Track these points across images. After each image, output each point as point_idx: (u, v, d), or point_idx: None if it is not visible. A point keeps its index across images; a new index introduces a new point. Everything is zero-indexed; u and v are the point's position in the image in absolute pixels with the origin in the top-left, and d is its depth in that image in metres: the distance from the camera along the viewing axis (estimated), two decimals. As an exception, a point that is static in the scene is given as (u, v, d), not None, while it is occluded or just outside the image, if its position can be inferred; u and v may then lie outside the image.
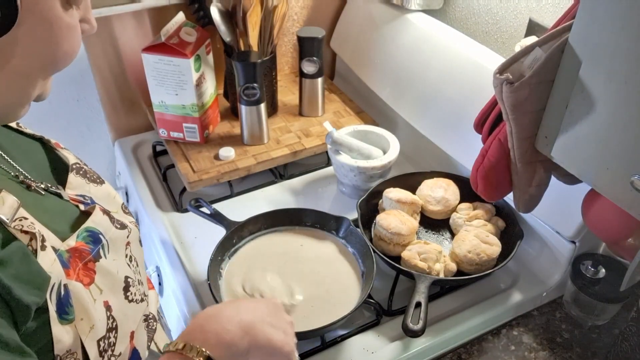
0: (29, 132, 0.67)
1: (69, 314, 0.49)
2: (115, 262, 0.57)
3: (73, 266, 0.51)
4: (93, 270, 0.54)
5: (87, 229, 0.56)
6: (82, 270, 0.52)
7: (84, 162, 0.71)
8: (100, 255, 0.55)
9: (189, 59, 1.04)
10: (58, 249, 0.50)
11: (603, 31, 0.54)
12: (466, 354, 0.88)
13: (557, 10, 0.98)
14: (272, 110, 1.27)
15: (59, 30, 0.49)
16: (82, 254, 0.53)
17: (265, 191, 1.16)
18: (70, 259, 0.51)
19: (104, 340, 0.53)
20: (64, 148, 0.69)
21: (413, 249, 0.90)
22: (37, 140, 0.67)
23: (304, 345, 0.84)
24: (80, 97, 1.25)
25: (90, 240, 0.55)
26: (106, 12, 1.15)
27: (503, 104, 0.67)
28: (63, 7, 0.49)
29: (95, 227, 0.57)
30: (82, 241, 0.54)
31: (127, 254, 0.61)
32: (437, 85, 1.10)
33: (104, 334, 0.53)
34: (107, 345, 0.53)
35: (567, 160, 0.64)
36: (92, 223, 0.57)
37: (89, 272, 0.53)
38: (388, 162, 1.07)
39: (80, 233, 0.54)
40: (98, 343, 0.52)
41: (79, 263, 0.52)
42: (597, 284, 0.87)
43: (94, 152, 1.34)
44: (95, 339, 0.51)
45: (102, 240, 0.57)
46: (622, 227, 0.71)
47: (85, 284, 0.52)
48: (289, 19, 1.36)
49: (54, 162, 0.66)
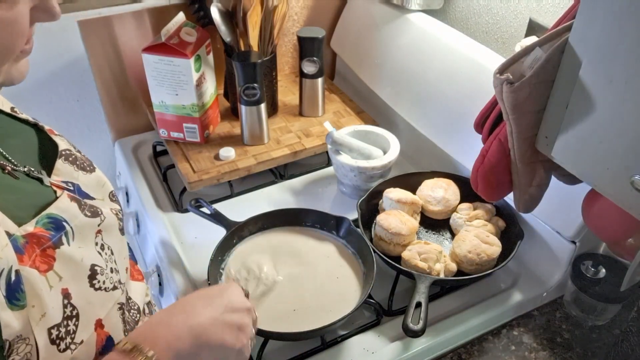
0: (22, 117, 0.66)
1: (19, 299, 0.48)
2: (80, 250, 0.56)
3: (29, 252, 0.50)
4: (52, 257, 0.52)
5: (49, 215, 0.55)
6: (40, 257, 0.51)
7: (77, 148, 0.70)
8: (62, 242, 0.54)
9: (189, 59, 1.04)
10: (13, 234, 0.49)
11: (603, 31, 0.54)
12: (466, 354, 0.88)
13: (557, 10, 0.98)
14: (272, 111, 1.27)
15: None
16: (40, 240, 0.52)
17: (265, 191, 1.16)
18: (27, 245, 0.50)
19: (59, 329, 0.52)
20: (58, 134, 0.69)
21: (413, 249, 0.90)
22: (31, 126, 0.67)
23: (304, 345, 0.84)
24: (81, 97, 1.25)
25: (52, 227, 0.54)
26: (106, 12, 1.16)
27: (503, 104, 0.67)
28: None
29: (59, 214, 0.56)
30: (42, 227, 0.53)
31: (98, 242, 0.60)
32: (437, 85, 1.10)
33: (58, 322, 0.52)
34: (65, 333, 0.52)
35: (567, 160, 0.64)
36: (56, 209, 0.56)
37: (48, 258, 0.52)
38: (388, 162, 1.07)
39: (40, 219, 0.53)
40: (49, 331, 0.51)
41: (36, 249, 0.51)
42: (598, 284, 0.87)
43: (94, 152, 1.33)
44: (46, 327, 0.50)
45: (66, 227, 0.55)
46: (622, 227, 0.71)
47: (42, 271, 0.51)
48: (289, 19, 1.36)
49: (45, 147, 0.65)
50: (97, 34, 1.16)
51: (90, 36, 1.15)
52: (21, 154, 0.60)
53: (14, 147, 0.60)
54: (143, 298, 0.73)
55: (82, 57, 1.19)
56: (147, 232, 1.10)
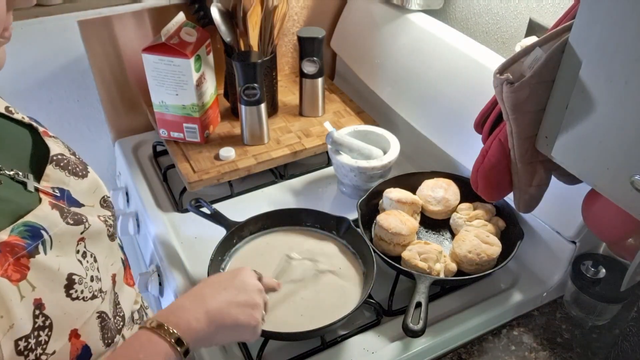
0: (17, 118, 0.65)
1: None
2: (57, 259, 0.55)
3: (1, 261, 0.49)
4: (26, 267, 0.51)
5: (26, 223, 0.53)
6: (13, 266, 0.50)
7: (72, 150, 0.69)
8: (39, 251, 0.53)
9: (189, 59, 1.04)
10: None
11: (603, 31, 0.54)
12: (466, 354, 0.88)
13: (557, 10, 0.98)
14: (272, 111, 1.27)
15: None
16: (14, 248, 0.51)
17: (265, 191, 1.16)
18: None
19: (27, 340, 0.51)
20: (52, 136, 0.67)
21: (413, 249, 0.90)
22: (26, 127, 0.65)
23: (304, 345, 0.84)
24: (81, 97, 1.25)
25: (28, 235, 0.53)
26: (106, 12, 1.16)
27: (503, 104, 0.67)
28: None
29: (37, 222, 0.54)
30: (18, 235, 0.52)
31: (80, 249, 0.59)
32: (437, 85, 1.10)
33: (27, 333, 0.51)
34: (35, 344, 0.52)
35: (567, 160, 0.64)
36: (34, 217, 0.54)
37: (21, 267, 0.51)
38: (388, 162, 1.07)
39: (15, 227, 0.52)
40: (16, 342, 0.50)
41: (9, 258, 0.50)
42: (598, 284, 0.87)
43: (94, 152, 1.34)
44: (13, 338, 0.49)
45: (44, 235, 0.54)
46: (622, 227, 0.71)
47: (14, 280, 0.50)
48: (289, 19, 1.36)
49: (37, 150, 0.64)
50: (97, 34, 1.16)
51: (90, 36, 1.15)
52: (12, 157, 0.59)
53: (5, 149, 0.59)
54: (131, 305, 0.73)
55: (82, 57, 1.19)
56: (147, 232, 1.10)
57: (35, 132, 0.66)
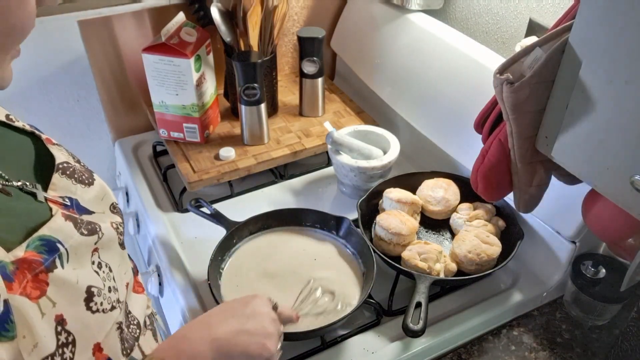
0: (18, 126, 0.62)
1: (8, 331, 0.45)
2: (75, 272, 0.53)
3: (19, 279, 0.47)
4: (45, 282, 0.49)
5: (41, 237, 0.51)
6: (31, 283, 0.48)
7: (77, 158, 0.66)
8: (56, 265, 0.50)
9: (189, 59, 1.04)
10: (1, 261, 0.46)
11: (603, 31, 0.54)
12: (466, 354, 0.88)
13: (557, 10, 0.98)
14: (272, 111, 1.27)
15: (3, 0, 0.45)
16: (32, 265, 0.48)
17: (265, 191, 1.16)
18: (17, 271, 0.47)
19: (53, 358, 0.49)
20: (56, 144, 0.65)
21: (413, 249, 0.90)
22: (28, 135, 0.63)
23: (304, 345, 0.84)
24: (80, 97, 1.25)
25: (44, 250, 0.50)
26: (106, 12, 1.16)
27: (503, 104, 0.67)
28: None
29: (52, 235, 0.52)
30: (34, 251, 0.49)
31: (95, 260, 0.57)
32: (437, 85, 1.10)
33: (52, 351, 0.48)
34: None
35: (567, 160, 0.64)
36: (49, 230, 0.52)
37: (40, 284, 0.48)
38: (388, 162, 1.07)
39: (31, 242, 0.50)
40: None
41: (27, 275, 0.48)
42: (598, 284, 0.87)
43: (94, 152, 1.34)
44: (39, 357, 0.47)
45: (60, 249, 0.52)
46: (622, 227, 0.71)
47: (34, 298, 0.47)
48: (289, 19, 1.36)
49: (41, 158, 0.61)
50: (97, 34, 1.16)
51: (90, 36, 1.15)
52: (16, 167, 0.57)
53: (8, 159, 0.57)
54: (144, 311, 0.70)
55: (82, 57, 1.19)
56: (147, 232, 1.10)
57: (37, 140, 0.63)
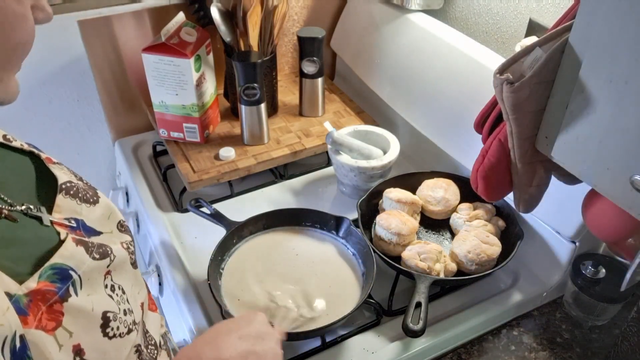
0: (16, 146, 0.60)
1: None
2: (89, 298, 0.51)
3: (33, 312, 0.45)
4: (60, 313, 0.47)
5: (53, 265, 0.49)
6: (46, 314, 0.46)
7: (79, 176, 0.64)
8: (70, 293, 0.49)
9: (189, 59, 1.04)
10: (14, 294, 0.44)
11: (603, 31, 0.54)
12: (466, 354, 0.88)
13: (557, 10, 0.98)
14: (272, 111, 1.27)
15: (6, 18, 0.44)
16: (45, 295, 0.46)
17: (265, 191, 1.16)
18: (30, 304, 0.45)
19: None
20: (57, 163, 0.62)
21: (413, 249, 0.90)
22: (26, 155, 0.60)
23: (304, 345, 0.84)
24: (80, 97, 1.25)
25: (57, 279, 0.48)
26: (106, 12, 1.16)
27: (503, 104, 0.67)
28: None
29: (64, 263, 0.50)
30: (47, 280, 0.47)
31: (108, 283, 0.55)
32: (437, 85, 1.10)
33: None
34: None
35: (567, 160, 0.64)
36: (61, 258, 0.50)
37: (55, 315, 0.47)
38: (388, 162, 1.07)
39: (43, 272, 0.48)
40: None
41: (41, 307, 0.46)
42: (597, 284, 0.87)
43: (94, 152, 1.34)
44: None
45: (73, 276, 0.50)
46: (622, 227, 0.71)
47: (49, 330, 0.46)
48: (289, 19, 1.36)
49: (42, 179, 0.59)
50: (97, 34, 1.16)
51: (90, 36, 1.15)
52: (17, 189, 0.55)
53: (9, 181, 0.55)
54: (159, 330, 0.69)
55: (82, 57, 1.19)
56: (147, 232, 1.10)
57: (37, 159, 0.61)
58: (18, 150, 0.60)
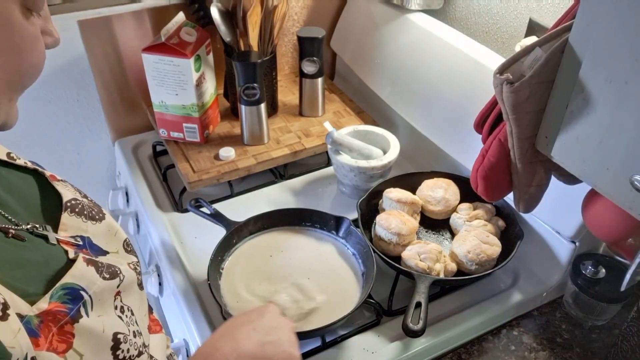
0: (20, 164, 0.59)
1: None
2: (100, 319, 0.50)
3: (44, 333, 0.44)
4: (71, 334, 0.46)
5: (64, 286, 0.48)
6: (57, 336, 0.45)
7: (83, 193, 0.64)
8: (81, 314, 0.48)
9: (189, 59, 1.04)
10: (25, 315, 0.43)
11: (603, 31, 0.54)
12: (466, 354, 0.88)
13: (557, 10, 0.98)
14: (272, 110, 1.27)
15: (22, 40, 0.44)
16: (56, 316, 0.46)
17: (265, 191, 1.16)
18: (42, 325, 0.44)
19: None
20: (61, 180, 0.62)
21: (413, 249, 0.90)
22: (30, 173, 0.60)
23: (304, 346, 0.84)
24: (80, 97, 1.25)
25: (68, 299, 0.47)
26: (106, 12, 1.16)
27: (503, 104, 0.67)
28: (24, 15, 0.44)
29: (76, 283, 0.49)
30: (58, 301, 0.47)
31: (118, 305, 0.54)
32: (437, 85, 1.10)
33: None
34: None
35: (567, 160, 0.64)
36: (72, 278, 0.49)
37: (66, 336, 0.46)
38: (388, 162, 1.07)
39: (55, 292, 0.47)
40: None
41: (52, 328, 0.45)
42: (597, 284, 0.87)
43: (94, 152, 1.34)
44: None
45: (84, 296, 0.49)
46: (622, 227, 0.71)
47: (60, 352, 0.45)
48: (289, 19, 1.36)
49: (46, 197, 0.59)
50: (97, 34, 1.16)
51: (90, 36, 1.15)
52: (22, 208, 0.54)
53: (14, 200, 0.54)
54: (164, 351, 0.68)
55: (82, 57, 1.19)
56: (147, 232, 1.10)
57: (40, 177, 0.61)
58: (22, 168, 0.59)
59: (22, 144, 1.01)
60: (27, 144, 1.20)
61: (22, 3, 0.44)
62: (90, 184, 1.37)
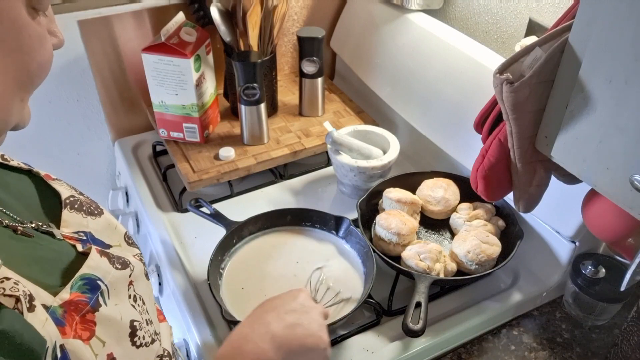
0: (15, 165, 0.60)
1: None
2: (117, 307, 0.52)
3: (69, 322, 0.46)
4: (93, 322, 0.48)
5: (83, 276, 0.50)
6: (80, 324, 0.47)
7: (79, 190, 0.64)
8: (100, 303, 0.50)
9: (189, 59, 1.04)
10: (50, 306, 0.45)
11: (603, 31, 0.54)
12: (466, 354, 0.88)
13: (557, 10, 0.98)
14: (272, 110, 1.27)
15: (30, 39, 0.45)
16: (78, 306, 0.47)
17: (265, 191, 1.16)
18: (66, 314, 0.46)
19: None
20: (56, 179, 0.63)
21: (413, 249, 0.90)
22: (25, 173, 0.60)
23: (304, 345, 0.84)
24: (80, 97, 1.25)
25: (87, 289, 0.49)
26: (106, 12, 1.16)
27: (503, 104, 0.67)
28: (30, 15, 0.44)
29: (92, 273, 0.51)
30: (78, 291, 0.48)
31: (131, 294, 0.56)
32: (437, 85, 1.10)
33: None
34: None
35: (567, 160, 0.64)
36: (88, 269, 0.51)
37: (88, 324, 0.48)
38: (388, 162, 1.07)
39: (74, 282, 0.49)
40: None
41: (75, 317, 0.46)
42: (597, 284, 0.87)
43: (94, 152, 1.34)
44: None
45: (101, 286, 0.51)
46: (622, 227, 0.71)
47: (85, 339, 0.46)
48: (289, 19, 1.36)
49: (44, 196, 0.60)
50: (97, 34, 1.16)
51: (90, 36, 1.15)
52: (23, 208, 0.55)
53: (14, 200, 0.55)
54: (169, 339, 0.70)
55: (82, 57, 1.19)
56: (147, 232, 1.10)
57: (35, 177, 0.61)
58: (16, 169, 0.60)
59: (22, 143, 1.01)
60: (27, 143, 1.20)
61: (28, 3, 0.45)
62: (90, 184, 1.37)
